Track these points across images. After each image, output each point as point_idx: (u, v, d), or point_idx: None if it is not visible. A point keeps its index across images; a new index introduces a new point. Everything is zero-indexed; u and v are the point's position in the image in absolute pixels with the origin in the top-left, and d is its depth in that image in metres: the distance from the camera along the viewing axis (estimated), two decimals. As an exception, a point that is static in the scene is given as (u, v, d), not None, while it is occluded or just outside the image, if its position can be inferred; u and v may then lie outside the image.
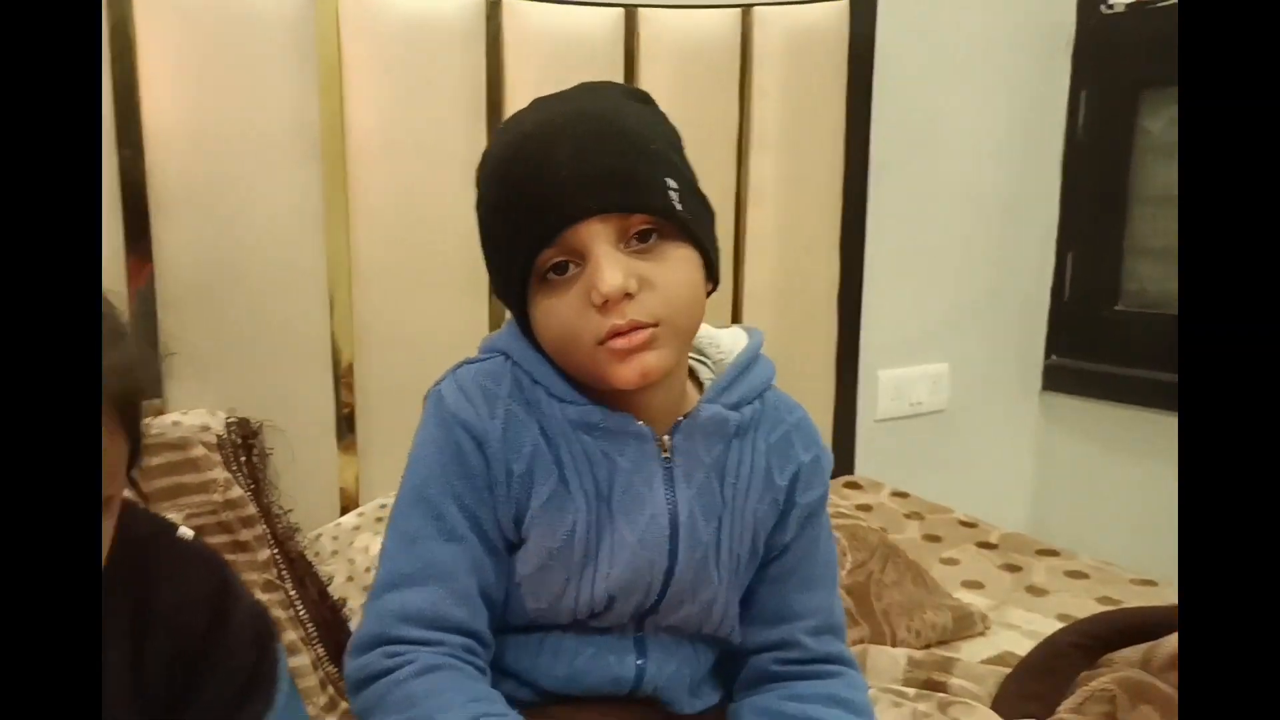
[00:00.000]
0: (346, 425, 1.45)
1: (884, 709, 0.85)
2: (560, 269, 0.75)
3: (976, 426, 2.11)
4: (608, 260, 0.72)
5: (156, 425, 1.16)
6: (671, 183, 0.75)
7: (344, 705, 1.06)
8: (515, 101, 1.43)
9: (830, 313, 1.81)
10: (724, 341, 0.87)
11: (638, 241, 0.74)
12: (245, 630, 0.71)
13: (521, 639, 0.82)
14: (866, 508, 1.71)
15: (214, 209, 1.31)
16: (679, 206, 0.75)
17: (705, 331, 0.87)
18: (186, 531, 0.73)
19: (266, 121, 1.32)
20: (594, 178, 0.73)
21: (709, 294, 0.80)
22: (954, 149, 1.96)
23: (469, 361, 0.83)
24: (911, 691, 0.94)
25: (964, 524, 1.67)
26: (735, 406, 0.82)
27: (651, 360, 0.74)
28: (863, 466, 1.92)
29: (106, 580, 0.63)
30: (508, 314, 0.84)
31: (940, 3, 1.89)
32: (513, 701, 0.77)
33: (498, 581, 0.80)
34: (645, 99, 0.82)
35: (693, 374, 0.85)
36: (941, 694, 0.95)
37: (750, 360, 0.85)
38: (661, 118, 0.81)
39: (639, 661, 0.82)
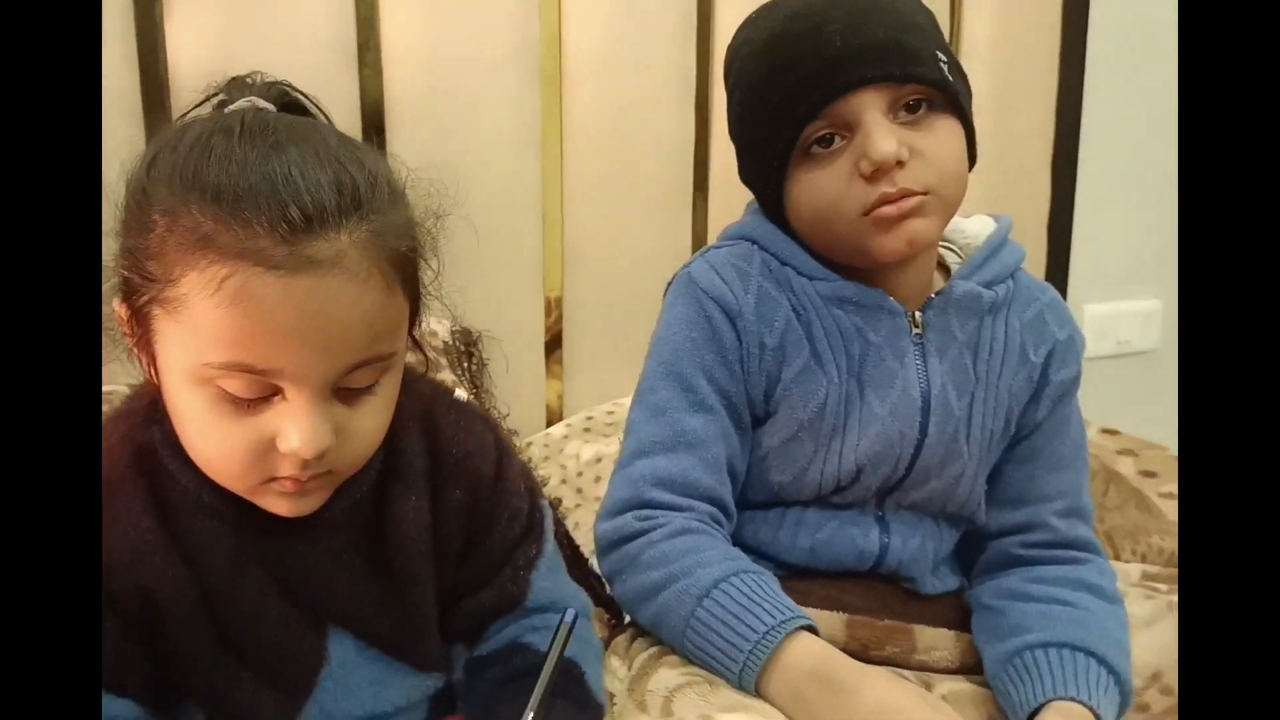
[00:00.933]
0: (552, 345, 1.48)
1: (1135, 600, 0.83)
2: (825, 142, 0.76)
3: (1189, 369, 1.98)
4: (879, 128, 0.73)
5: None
6: (942, 55, 0.76)
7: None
8: (726, 19, 1.43)
9: (1038, 239, 1.74)
10: (969, 227, 0.87)
11: (906, 113, 0.75)
12: (519, 480, 0.75)
13: (761, 514, 0.84)
14: (1074, 441, 1.65)
15: (442, 127, 1.37)
16: (950, 78, 0.75)
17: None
18: (461, 393, 0.77)
19: (491, 42, 1.37)
20: (868, 48, 0.74)
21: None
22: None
23: (715, 247, 0.86)
24: (1164, 586, 0.91)
25: (1182, 460, 1.59)
26: (988, 284, 0.82)
27: (919, 228, 0.74)
28: (1065, 403, 1.84)
29: (397, 431, 0.67)
30: (713, 232, 0.84)
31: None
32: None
33: (742, 454, 0.82)
34: None
35: (939, 259, 0.85)
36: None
37: (1001, 241, 0.85)
38: None
39: (884, 538, 0.83)
